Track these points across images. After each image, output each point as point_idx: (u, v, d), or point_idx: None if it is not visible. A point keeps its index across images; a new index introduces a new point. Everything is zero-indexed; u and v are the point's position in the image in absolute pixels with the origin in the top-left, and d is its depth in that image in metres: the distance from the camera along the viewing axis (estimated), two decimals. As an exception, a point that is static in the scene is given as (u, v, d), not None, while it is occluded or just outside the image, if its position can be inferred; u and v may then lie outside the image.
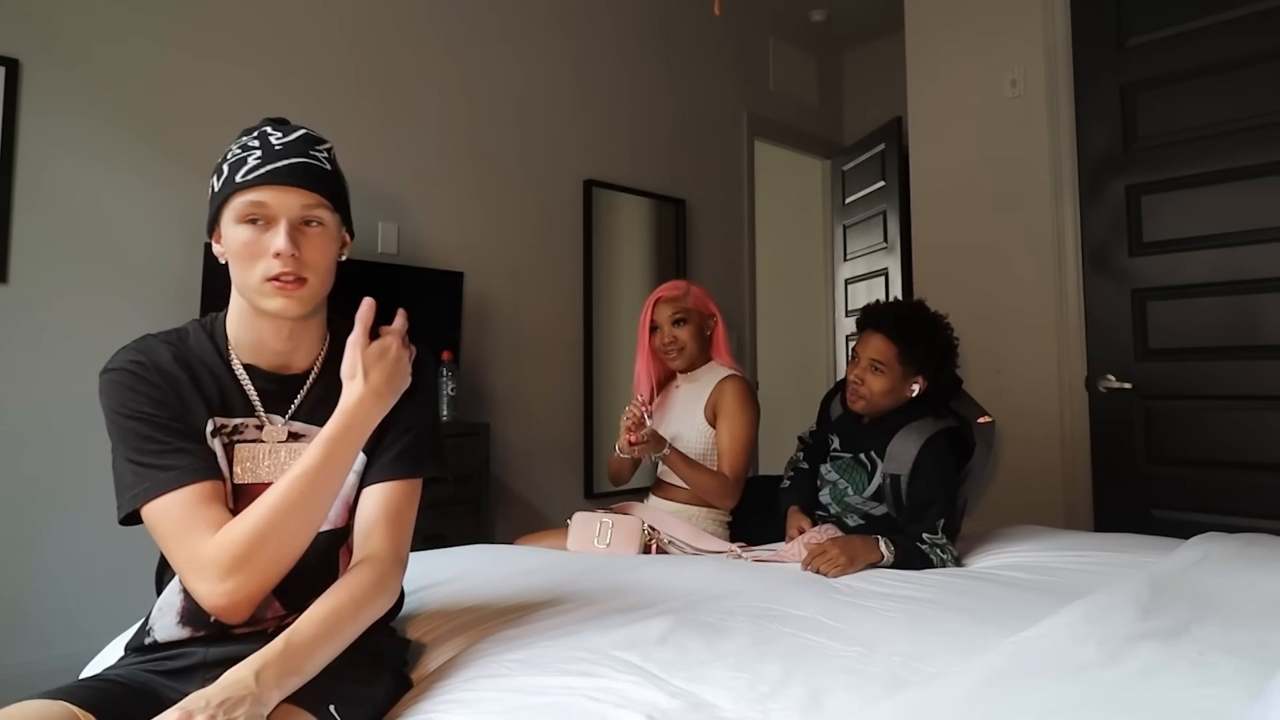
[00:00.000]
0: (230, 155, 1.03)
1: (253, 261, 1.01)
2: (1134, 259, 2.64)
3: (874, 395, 1.87)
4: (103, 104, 2.38)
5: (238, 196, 1.01)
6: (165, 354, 1.04)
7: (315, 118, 2.77)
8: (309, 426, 1.08)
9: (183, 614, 1.03)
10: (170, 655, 1.02)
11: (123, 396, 1.01)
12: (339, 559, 1.10)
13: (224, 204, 1.02)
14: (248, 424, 1.06)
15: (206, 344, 1.07)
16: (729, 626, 1.21)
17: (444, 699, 0.98)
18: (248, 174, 1.01)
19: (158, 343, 1.06)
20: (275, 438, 1.07)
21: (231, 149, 1.04)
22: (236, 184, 1.01)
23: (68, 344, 2.29)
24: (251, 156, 1.02)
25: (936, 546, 1.72)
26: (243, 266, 1.02)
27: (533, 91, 3.42)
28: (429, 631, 1.26)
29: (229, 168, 1.03)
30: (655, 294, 2.24)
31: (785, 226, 5.13)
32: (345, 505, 1.09)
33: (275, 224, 1.01)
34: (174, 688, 0.98)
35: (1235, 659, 1.01)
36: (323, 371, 1.11)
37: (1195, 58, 2.52)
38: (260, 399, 1.07)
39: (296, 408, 1.09)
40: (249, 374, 1.07)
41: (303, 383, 1.10)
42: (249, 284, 1.02)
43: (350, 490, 1.09)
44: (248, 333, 1.07)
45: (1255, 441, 2.41)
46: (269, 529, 0.94)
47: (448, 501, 2.63)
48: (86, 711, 0.87)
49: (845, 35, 4.83)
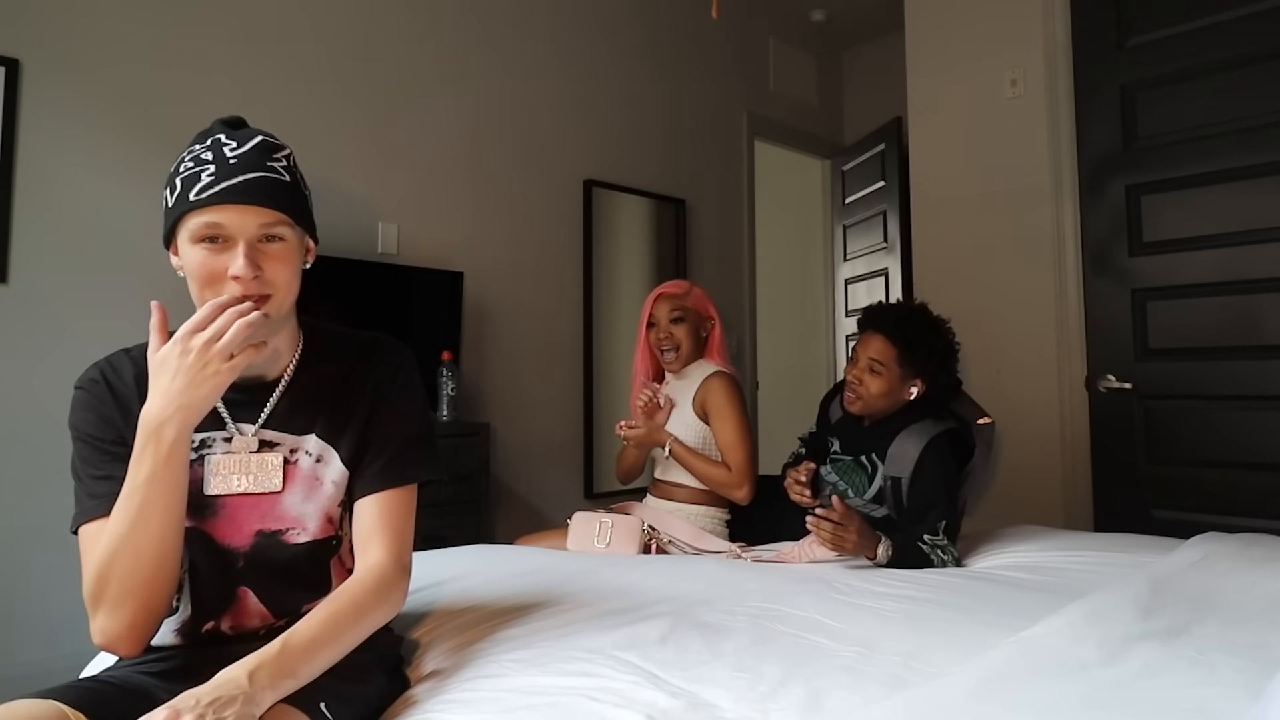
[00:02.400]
0: (182, 169, 0.98)
1: (211, 283, 0.97)
2: (1134, 259, 2.64)
3: (871, 396, 1.86)
4: (103, 104, 2.38)
5: (192, 216, 0.96)
6: (128, 371, 1.04)
7: (315, 117, 2.77)
8: (282, 435, 1.07)
9: (177, 629, 1.05)
10: (163, 658, 1.03)
11: (75, 416, 1.02)
12: (329, 569, 1.09)
13: (178, 222, 0.98)
14: (215, 436, 1.05)
15: None
16: (729, 626, 1.21)
17: (443, 699, 0.98)
18: (201, 192, 0.95)
19: (125, 358, 1.05)
20: (246, 448, 1.05)
21: (183, 160, 0.99)
22: (190, 203, 0.96)
23: (67, 344, 2.29)
24: (205, 172, 0.96)
25: (937, 547, 1.72)
26: (200, 287, 0.97)
27: (533, 91, 3.42)
28: (428, 631, 1.26)
29: (182, 183, 0.97)
30: (657, 290, 2.26)
31: (785, 226, 5.13)
32: (325, 516, 1.08)
33: (233, 244, 0.96)
34: (167, 689, 0.97)
35: (1235, 659, 1.01)
36: (294, 378, 1.09)
37: (1195, 58, 2.52)
38: (228, 409, 1.05)
39: (268, 416, 1.06)
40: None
41: (273, 390, 1.07)
42: (199, 300, 0.98)
43: (330, 501, 1.08)
44: None
45: (1255, 441, 2.41)
46: (108, 566, 0.93)
47: (448, 501, 2.63)
48: (77, 711, 0.87)
49: (845, 35, 4.83)
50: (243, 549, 1.05)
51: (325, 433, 1.08)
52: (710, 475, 2.08)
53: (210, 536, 1.04)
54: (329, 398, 1.09)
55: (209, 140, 1.00)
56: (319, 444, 1.08)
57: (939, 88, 3.16)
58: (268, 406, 1.07)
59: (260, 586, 1.06)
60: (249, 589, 1.05)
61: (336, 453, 1.09)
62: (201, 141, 1.00)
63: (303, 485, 1.07)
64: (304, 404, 1.07)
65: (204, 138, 1.01)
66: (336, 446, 1.09)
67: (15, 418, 2.23)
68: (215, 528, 1.04)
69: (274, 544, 1.06)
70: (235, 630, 1.06)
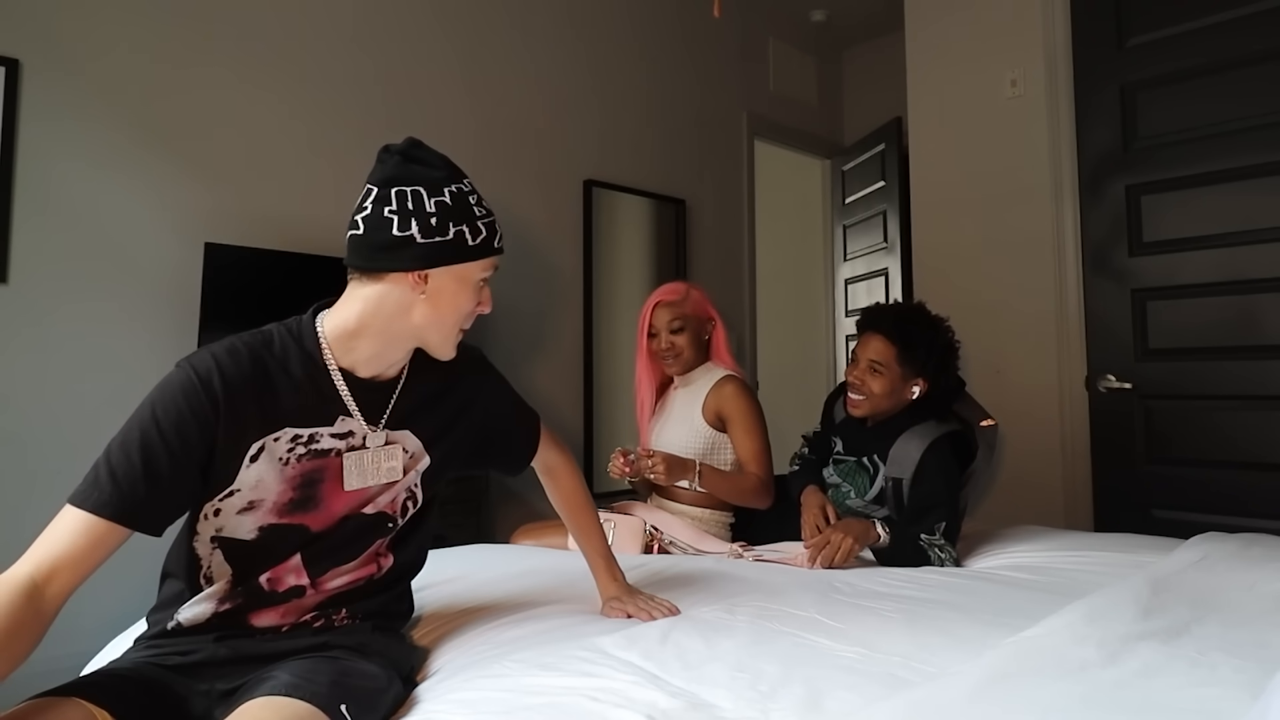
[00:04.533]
0: (480, 214, 1.11)
1: (464, 311, 1.12)
2: (1134, 259, 2.64)
3: (874, 397, 1.86)
4: (103, 104, 2.38)
5: (488, 259, 1.11)
6: (244, 363, 1.04)
7: (316, 117, 2.77)
8: (400, 433, 1.15)
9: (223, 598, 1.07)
10: (179, 650, 1.03)
11: (157, 398, 1.00)
12: (372, 545, 1.15)
13: (471, 260, 1.09)
14: (322, 433, 1.08)
15: (294, 351, 1.09)
16: (729, 626, 1.21)
17: (444, 699, 0.98)
18: (500, 241, 1.13)
19: (243, 349, 1.06)
20: (377, 443, 1.12)
21: (476, 207, 1.11)
22: (495, 249, 1.12)
23: (68, 344, 2.28)
24: (496, 223, 1.13)
25: (934, 547, 1.72)
26: (453, 313, 1.10)
27: (533, 91, 3.41)
28: (429, 631, 1.26)
29: (487, 229, 1.11)
30: (654, 297, 2.21)
31: (785, 226, 5.13)
32: (392, 499, 1.15)
33: (487, 282, 1.13)
34: (184, 682, 0.98)
35: (1235, 659, 1.01)
36: (409, 379, 1.16)
37: (1195, 58, 2.52)
38: (360, 409, 1.11)
39: (389, 415, 1.14)
40: (348, 383, 1.11)
41: (391, 389, 1.15)
42: (447, 326, 1.11)
43: (402, 491, 1.16)
44: (373, 345, 1.10)
45: (1255, 441, 2.41)
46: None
47: (448, 501, 2.63)
48: (100, 707, 0.87)
49: (845, 35, 4.83)
50: (326, 530, 1.10)
51: (423, 433, 1.17)
52: (739, 491, 2.04)
53: (306, 528, 1.09)
54: (430, 400, 1.19)
55: (473, 188, 1.13)
56: (416, 442, 1.17)
57: (939, 88, 3.16)
58: (389, 406, 1.14)
59: (311, 552, 1.10)
60: (301, 553, 1.09)
61: (428, 453, 1.18)
62: (469, 185, 1.12)
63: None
64: (412, 405, 1.16)
65: (461, 178, 1.12)
66: (429, 446, 1.18)
67: (15, 417, 2.23)
68: (312, 519, 1.09)
69: (351, 521, 1.12)
70: (271, 585, 1.09)
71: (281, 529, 1.07)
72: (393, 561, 1.18)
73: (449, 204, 1.07)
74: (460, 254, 1.08)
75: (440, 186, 1.08)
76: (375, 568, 1.16)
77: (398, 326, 1.09)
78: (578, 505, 1.40)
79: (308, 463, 1.07)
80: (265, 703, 0.89)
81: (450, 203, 1.08)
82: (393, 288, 1.07)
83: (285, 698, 0.89)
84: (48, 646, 0.90)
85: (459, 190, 1.09)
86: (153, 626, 1.09)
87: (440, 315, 1.10)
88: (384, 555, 1.17)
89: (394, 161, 1.11)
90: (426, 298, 1.08)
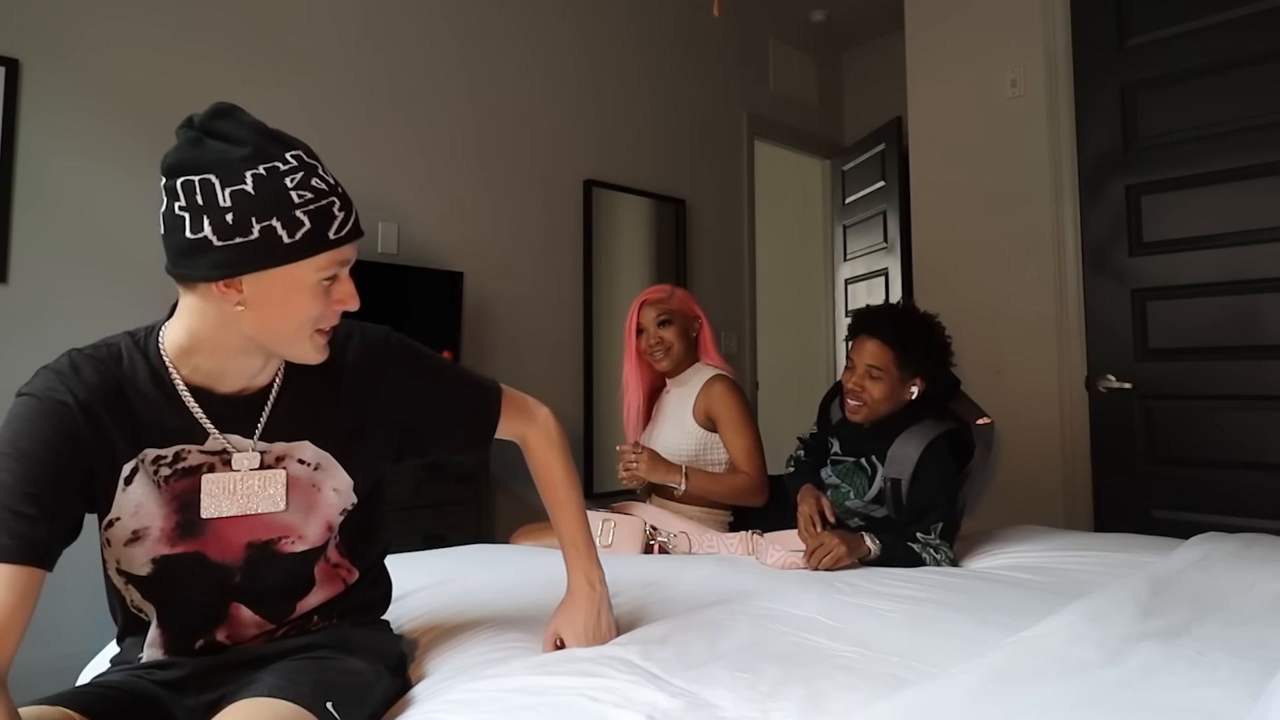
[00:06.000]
0: (301, 200, 0.88)
1: (306, 317, 0.92)
2: (1134, 259, 2.64)
3: (875, 402, 1.84)
4: (103, 104, 2.38)
5: (325, 254, 0.90)
6: (91, 380, 0.92)
7: (316, 117, 2.77)
8: (286, 445, 1.01)
9: (167, 648, 1.01)
10: (165, 666, 1.01)
11: (12, 433, 0.87)
12: (314, 574, 1.07)
13: (293, 260, 0.88)
14: (189, 450, 0.96)
15: (142, 367, 0.95)
16: (729, 626, 1.21)
17: (444, 699, 0.98)
18: (340, 229, 0.90)
19: (88, 365, 0.94)
20: (247, 465, 0.98)
21: (294, 192, 0.87)
22: (331, 242, 0.90)
23: (68, 344, 2.26)
24: (334, 207, 0.90)
25: (930, 547, 1.71)
26: (290, 321, 0.91)
27: (533, 91, 3.41)
28: (429, 631, 1.26)
29: (313, 218, 0.88)
30: (640, 298, 2.25)
31: (785, 226, 5.12)
32: (325, 524, 1.05)
33: (341, 276, 0.94)
34: (175, 699, 0.97)
35: (1235, 659, 1.01)
36: (284, 385, 1.02)
37: (1195, 58, 2.52)
38: (216, 423, 0.97)
39: (265, 428, 0.99)
40: (198, 399, 0.96)
41: (263, 401, 1.00)
42: (288, 335, 0.92)
43: (331, 510, 1.04)
44: (212, 361, 0.95)
45: (1255, 441, 2.41)
46: None
47: (448, 501, 2.63)
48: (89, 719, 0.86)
49: (845, 35, 4.83)
50: (236, 564, 1.00)
51: (322, 439, 1.03)
52: (731, 492, 2.07)
53: (203, 556, 0.98)
54: (323, 401, 1.03)
55: (307, 159, 0.90)
56: (315, 451, 1.02)
57: (939, 88, 3.16)
58: (263, 418, 0.99)
59: (254, 600, 1.02)
60: (241, 604, 1.02)
61: (336, 459, 1.04)
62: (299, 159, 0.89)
63: (301, 496, 1.02)
64: (297, 410, 1.01)
65: (289, 147, 0.90)
66: (335, 452, 1.04)
67: (15, 418, 2.22)
68: (207, 546, 0.98)
69: (267, 555, 1.01)
70: (232, 640, 1.03)
71: (179, 560, 0.97)
72: (355, 564, 1.12)
73: (250, 193, 0.86)
74: (273, 256, 0.87)
75: (239, 171, 0.86)
76: (341, 584, 1.10)
77: (230, 340, 0.93)
78: (550, 480, 1.23)
79: (177, 483, 0.95)
80: (250, 704, 0.87)
81: (253, 192, 0.86)
82: (206, 299, 0.90)
83: (270, 699, 0.88)
84: (48, 646, 0.90)
85: (267, 173, 0.86)
86: (125, 652, 1.06)
87: (274, 325, 0.91)
88: (340, 563, 1.09)
89: (184, 141, 0.91)
90: (247, 308, 0.89)
